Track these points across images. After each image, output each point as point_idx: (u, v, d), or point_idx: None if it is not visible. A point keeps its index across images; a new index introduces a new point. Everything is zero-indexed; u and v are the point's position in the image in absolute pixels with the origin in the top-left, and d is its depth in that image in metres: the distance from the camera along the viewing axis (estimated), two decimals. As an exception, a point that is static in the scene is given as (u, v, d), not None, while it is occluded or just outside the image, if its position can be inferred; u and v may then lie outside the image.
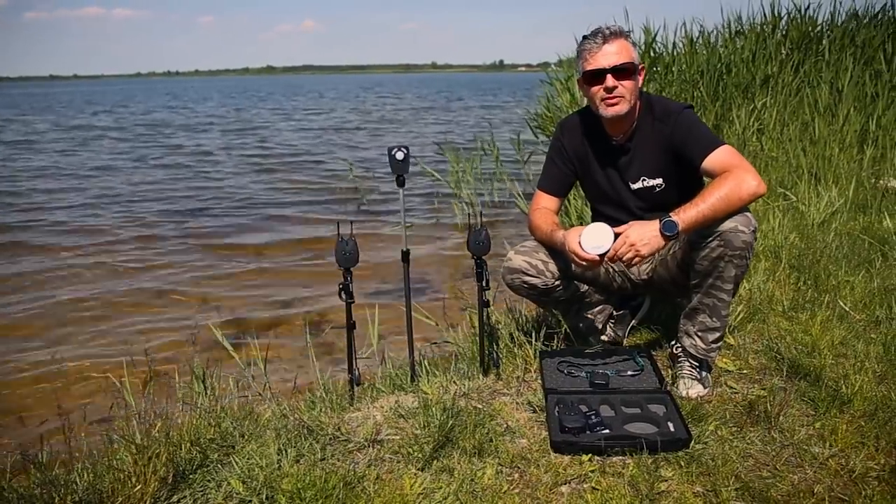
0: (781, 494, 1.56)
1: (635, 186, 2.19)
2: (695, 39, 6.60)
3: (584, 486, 1.64)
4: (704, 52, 6.37)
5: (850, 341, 2.38)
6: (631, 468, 1.69)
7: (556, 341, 2.38)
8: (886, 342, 2.37)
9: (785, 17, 6.50)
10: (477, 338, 2.51)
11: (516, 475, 1.69)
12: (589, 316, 2.44)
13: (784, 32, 6.36)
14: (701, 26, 6.79)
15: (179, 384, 2.14)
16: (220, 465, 1.72)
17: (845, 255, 3.29)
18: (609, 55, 2.01)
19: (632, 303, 2.56)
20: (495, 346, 2.38)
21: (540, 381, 2.15)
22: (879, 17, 6.37)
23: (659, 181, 2.15)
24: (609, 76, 2.01)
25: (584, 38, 2.07)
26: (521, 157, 6.69)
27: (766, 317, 2.61)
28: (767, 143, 5.40)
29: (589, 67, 2.04)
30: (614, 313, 2.50)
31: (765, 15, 6.67)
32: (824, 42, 6.10)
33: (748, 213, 1.93)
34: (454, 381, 2.16)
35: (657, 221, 1.89)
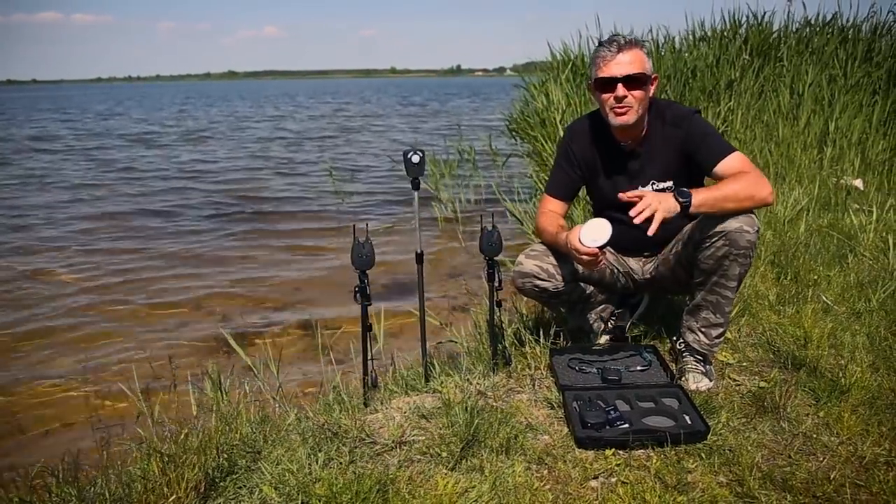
0: (801, 482, 1.60)
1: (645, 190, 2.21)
2: (661, 45, 6.74)
3: (613, 480, 1.65)
4: (670, 57, 6.50)
5: (837, 333, 2.45)
6: (655, 461, 1.70)
7: (561, 339, 2.39)
8: (870, 333, 2.46)
9: (744, 25, 6.69)
10: (484, 336, 2.52)
11: (545, 471, 1.69)
12: (592, 314, 2.46)
13: (744, 39, 6.53)
14: (666, 32, 6.93)
15: (193, 391, 2.07)
16: (248, 472, 1.67)
17: (819, 251, 3.40)
18: (622, 64, 2.01)
19: (631, 300, 2.60)
20: (505, 345, 2.38)
21: (553, 379, 2.16)
22: (830, 24, 6.61)
23: (669, 184, 2.18)
24: (620, 85, 2.02)
25: (600, 44, 2.08)
26: (499, 161, 6.75)
27: (756, 311, 2.68)
28: (734, 145, 5.53)
29: (601, 74, 2.05)
30: (615, 311, 2.53)
31: (725, 22, 6.87)
32: (782, 48, 6.29)
33: (752, 214, 1.96)
34: (469, 381, 2.14)
35: (671, 192, 1.90)
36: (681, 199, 1.87)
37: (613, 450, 1.76)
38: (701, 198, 1.89)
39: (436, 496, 1.58)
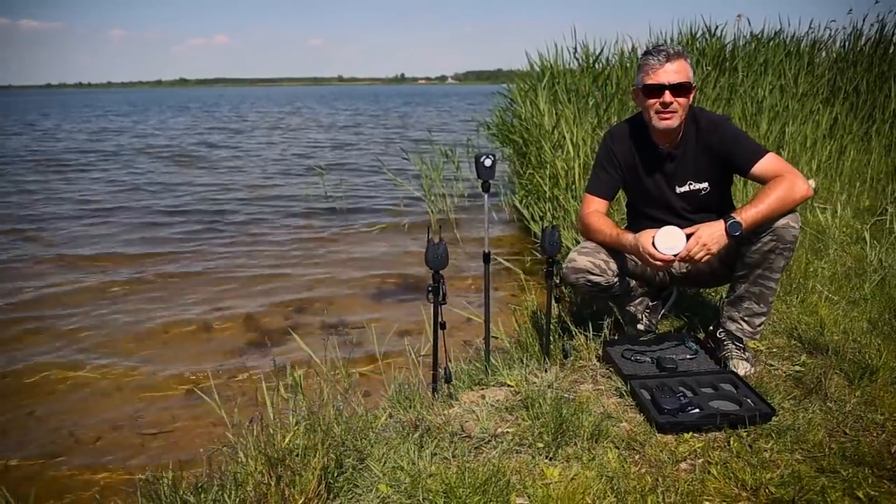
0: (871, 456, 1.67)
1: (682, 190, 2.26)
2: (626, 56, 6.89)
3: (700, 461, 1.69)
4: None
5: (849, 321, 2.57)
6: (733, 443, 1.75)
7: (608, 332, 2.41)
8: (871, 319, 2.59)
9: (700, 38, 6.92)
10: (531, 331, 2.53)
11: (637, 457, 1.71)
12: (630, 308, 2.51)
13: (701, 51, 6.76)
14: (632, 44, 7.09)
15: (267, 394, 1.99)
16: (357, 472, 1.62)
17: (800, 245, 3.56)
18: (670, 73, 2.06)
19: (663, 294, 2.65)
20: (559, 339, 2.39)
21: (611, 369, 2.18)
22: (775, 39, 6.93)
23: (704, 185, 2.24)
24: (667, 92, 2.06)
25: (648, 52, 2.12)
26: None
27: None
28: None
29: (649, 81, 2.09)
30: (650, 304, 2.58)
31: (681, 35, 7.08)
32: (737, 60, 6.54)
33: (795, 210, 2.04)
34: (535, 374, 2.14)
35: (722, 223, 1.96)
36: (734, 234, 1.95)
37: (691, 433, 1.80)
38: (749, 221, 1.96)
39: (545, 486, 1.57)
